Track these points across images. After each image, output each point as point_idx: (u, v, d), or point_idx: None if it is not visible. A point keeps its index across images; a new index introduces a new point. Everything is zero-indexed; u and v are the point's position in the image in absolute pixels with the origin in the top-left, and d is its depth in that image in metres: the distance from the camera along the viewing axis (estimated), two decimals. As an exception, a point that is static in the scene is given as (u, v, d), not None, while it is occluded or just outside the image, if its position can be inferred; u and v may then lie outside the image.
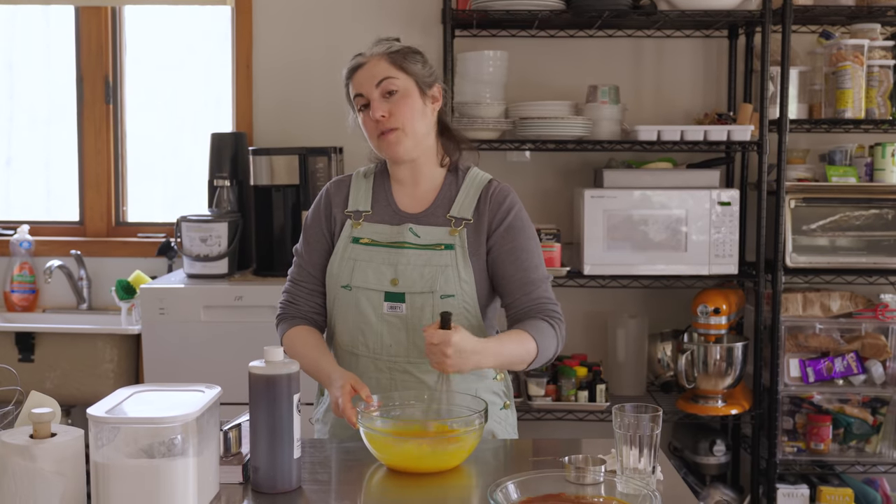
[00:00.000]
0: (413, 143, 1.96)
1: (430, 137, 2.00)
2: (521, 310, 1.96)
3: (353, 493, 1.69)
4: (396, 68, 1.93)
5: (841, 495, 3.26)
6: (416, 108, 1.95)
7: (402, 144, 1.94)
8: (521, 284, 1.95)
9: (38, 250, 3.66)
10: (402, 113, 1.93)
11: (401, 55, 1.95)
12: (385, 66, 1.93)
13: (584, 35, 3.51)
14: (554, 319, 1.94)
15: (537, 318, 1.93)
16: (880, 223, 3.27)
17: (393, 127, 1.93)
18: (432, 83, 1.99)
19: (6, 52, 3.82)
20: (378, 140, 1.95)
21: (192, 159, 3.75)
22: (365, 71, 1.94)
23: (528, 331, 1.89)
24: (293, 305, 2.05)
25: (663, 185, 3.21)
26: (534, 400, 3.24)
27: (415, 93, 1.95)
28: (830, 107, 3.29)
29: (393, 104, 1.93)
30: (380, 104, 1.93)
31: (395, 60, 1.94)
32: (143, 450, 1.44)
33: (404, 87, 1.93)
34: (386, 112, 1.92)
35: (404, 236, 1.97)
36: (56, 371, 3.20)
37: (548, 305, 1.96)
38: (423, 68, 1.98)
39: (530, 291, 1.95)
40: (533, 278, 1.96)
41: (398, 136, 1.93)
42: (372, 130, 1.95)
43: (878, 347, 3.21)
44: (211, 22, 3.74)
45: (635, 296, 3.58)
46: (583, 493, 1.56)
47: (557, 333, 1.94)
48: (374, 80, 1.93)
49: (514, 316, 1.97)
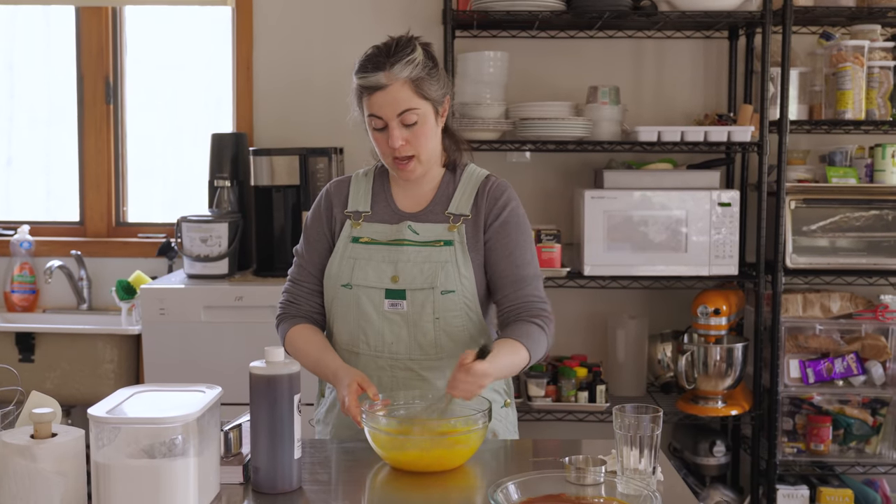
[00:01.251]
0: (427, 165, 1.97)
1: (438, 147, 2.00)
2: (510, 307, 1.96)
3: (353, 493, 1.70)
4: (419, 97, 1.89)
5: (841, 496, 3.26)
6: (431, 132, 1.94)
7: (417, 170, 1.95)
8: (512, 280, 1.96)
9: (39, 250, 3.66)
10: (419, 142, 1.91)
11: (423, 81, 1.90)
12: (408, 94, 1.88)
13: (584, 36, 3.51)
14: (542, 319, 1.94)
15: (526, 322, 1.93)
16: (880, 224, 3.27)
17: (410, 155, 1.92)
18: (443, 98, 1.96)
19: (7, 52, 3.82)
20: (393, 162, 1.94)
21: (192, 160, 3.76)
22: (386, 95, 1.87)
23: (519, 339, 1.89)
24: (294, 305, 2.05)
25: (663, 185, 3.21)
26: (534, 400, 3.24)
27: (432, 117, 1.93)
28: (831, 108, 3.29)
29: (412, 133, 1.91)
30: (399, 132, 1.90)
31: (419, 88, 1.89)
32: (144, 450, 1.45)
33: (423, 114, 1.91)
34: (404, 140, 1.91)
35: (403, 234, 1.97)
36: (56, 371, 3.20)
37: (536, 304, 1.96)
38: (439, 85, 1.93)
39: (520, 288, 1.96)
40: (524, 275, 1.96)
41: (414, 164, 1.93)
42: (386, 151, 1.93)
43: (878, 348, 3.21)
44: (211, 22, 3.74)
45: (635, 296, 3.58)
46: (583, 494, 1.56)
47: (547, 333, 1.95)
48: (396, 108, 1.88)
49: (503, 314, 1.98)
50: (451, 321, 1.94)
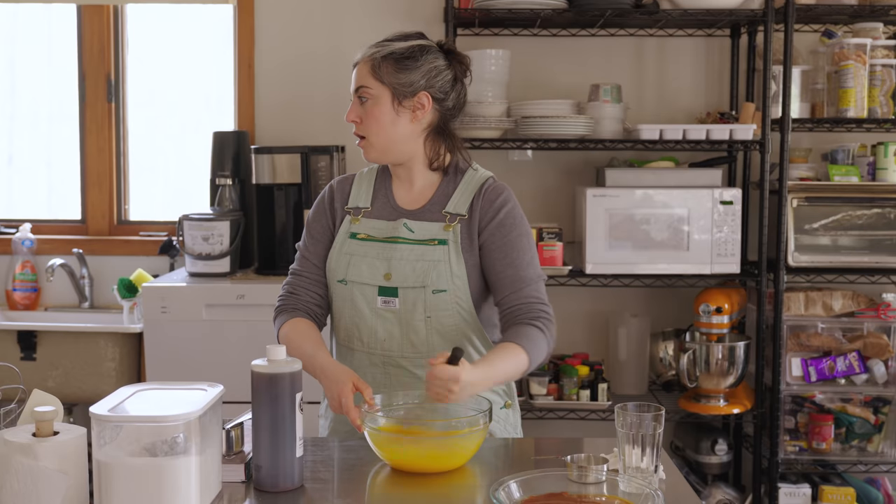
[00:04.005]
0: (380, 152, 1.99)
1: (411, 144, 1.99)
2: (509, 309, 1.94)
3: (355, 491, 1.69)
4: (374, 77, 1.94)
5: (843, 495, 3.26)
6: (385, 118, 1.95)
7: (368, 151, 1.99)
8: (511, 282, 1.94)
9: (40, 249, 3.66)
10: (367, 122, 1.96)
11: (385, 63, 1.93)
12: (364, 72, 1.95)
13: (586, 34, 3.50)
14: (542, 321, 1.92)
15: (526, 325, 1.91)
16: (882, 222, 3.27)
17: (360, 134, 1.98)
18: (415, 92, 1.94)
19: (8, 50, 3.82)
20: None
21: (194, 158, 3.76)
22: (355, 72, 1.98)
23: (519, 342, 1.87)
24: (293, 296, 2.04)
25: (665, 184, 3.21)
26: (536, 399, 3.24)
27: (386, 102, 1.94)
28: (833, 106, 3.28)
29: (364, 111, 1.96)
30: (354, 108, 1.97)
31: (375, 68, 1.94)
32: (146, 448, 1.45)
33: (376, 96, 1.94)
34: (357, 117, 1.97)
35: (399, 231, 1.97)
36: (58, 369, 3.20)
37: (537, 306, 1.94)
38: (403, 75, 1.93)
39: (520, 289, 1.94)
40: (523, 276, 1.94)
41: (364, 143, 1.99)
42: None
43: (880, 347, 3.21)
44: (213, 20, 3.74)
45: (637, 295, 3.58)
46: (585, 493, 1.56)
47: (547, 337, 1.92)
48: (355, 83, 1.97)
49: (504, 316, 1.96)
50: (442, 320, 1.93)
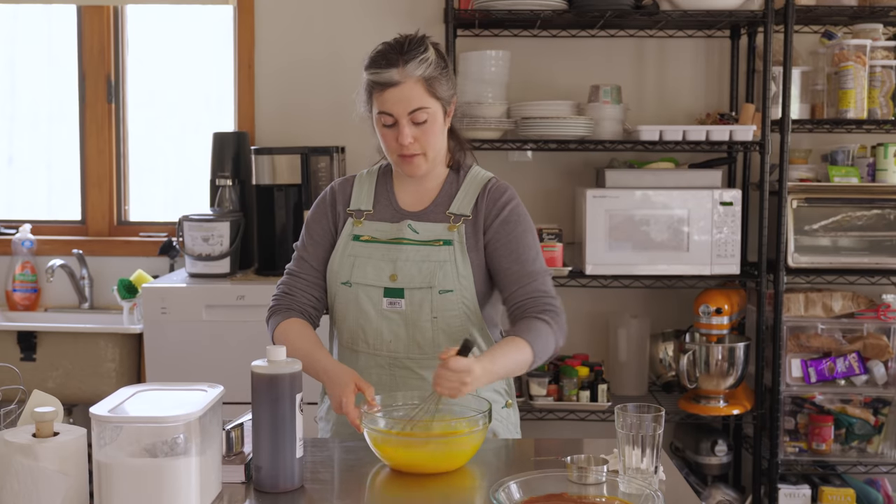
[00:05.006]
0: (432, 164, 1.97)
1: (444, 146, 2.01)
2: (517, 304, 1.94)
3: (355, 492, 1.69)
4: (430, 96, 1.90)
5: (842, 496, 3.26)
6: (440, 132, 1.95)
7: (423, 167, 1.96)
8: (518, 277, 1.94)
9: (40, 249, 3.66)
10: (427, 140, 1.92)
11: (435, 80, 1.91)
12: (420, 92, 1.89)
13: (586, 35, 3.51)
14: (550, 314, 1.92)
15: (532, 318, 1.91)
16: (882, 223, 3.27)
17: (417, 152, 1.93)
18: (451, 98, 1.97)
19: (8, 50, 3.82)
20: (399, 158, 1.95)
21: (194, 158, 3.76)
22: (398, 92, 1.88)
23: (524, 336, 1.87)
24: (289, 297, 2.02)
25: (665, 185, 3.21)
26: (535, 400, 3.24)
27: (441, 117, 1.94)
28: (833, 107, 3.29)
29: (421, 131, 1.91)
30: (409, 130, 1.90)
31: (431, 87, 1.90)
32: (146, 449, 1.45)
33: (433, 113, 1.92)
34: (413, 138, 1.91)
35: (403, 233, 1.97)
36: (58, 370, 3.20)
37: (543, 299, 1.94)
38: (449, 86, 1.95)
39: (527, 284, 1.94)
40: (529, 271, 1.95)
41: (420, 160, 1.94)
42: (393, 147, 1.94)
43: (880, 348, 3.21)
44: (213, 21, 3.74)
45: (637, 296, 3.58)
46: (585, 493, 1.56)
47: (555, 329, 1.91)
48: (407, 106, 1.89)
49: (511, 312, 1.96)
50: (449, 321, 1.94)
